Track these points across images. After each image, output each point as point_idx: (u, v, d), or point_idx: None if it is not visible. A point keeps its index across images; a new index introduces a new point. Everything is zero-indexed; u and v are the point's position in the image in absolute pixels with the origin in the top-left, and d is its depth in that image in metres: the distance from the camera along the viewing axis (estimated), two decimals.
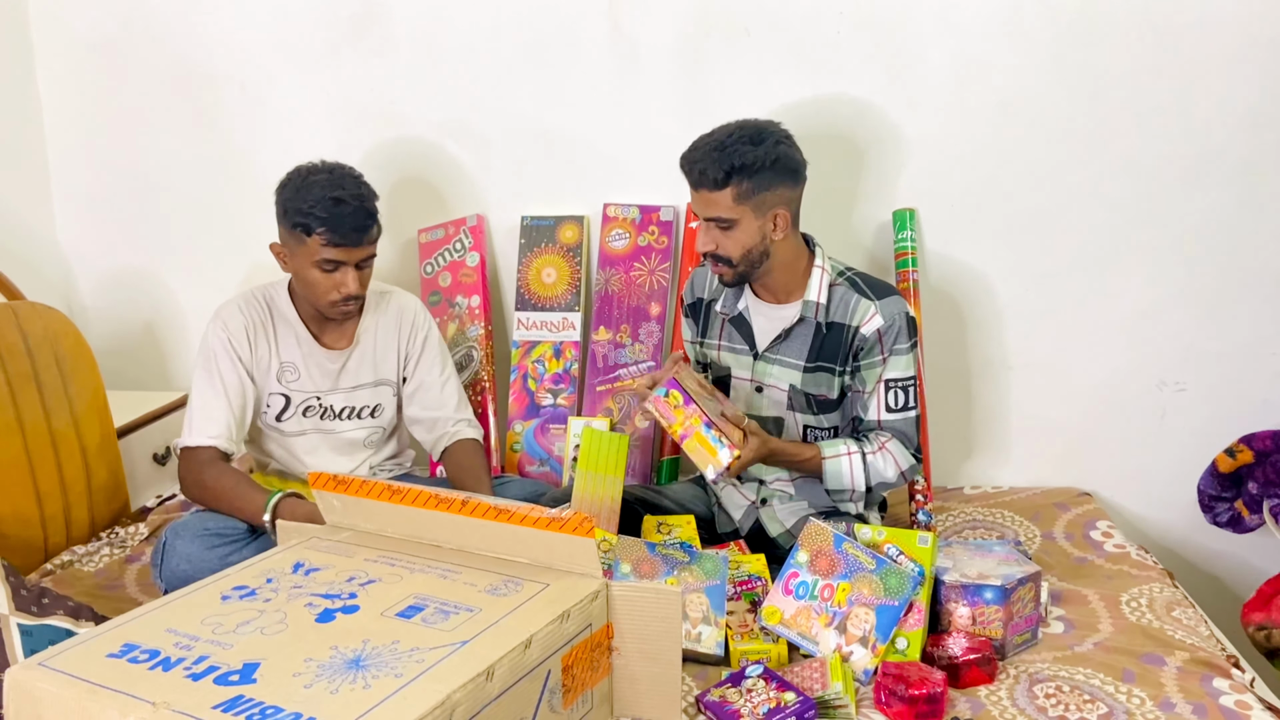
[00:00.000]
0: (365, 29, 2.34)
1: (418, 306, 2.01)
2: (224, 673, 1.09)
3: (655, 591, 1.33)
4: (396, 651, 1.13)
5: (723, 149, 1.69)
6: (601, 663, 1.33)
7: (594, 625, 1.30)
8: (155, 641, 1.16)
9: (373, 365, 1.95)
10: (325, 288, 1.79)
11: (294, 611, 1.24)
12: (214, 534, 1.75)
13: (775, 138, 1.71)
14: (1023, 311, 2.26)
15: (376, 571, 1.34)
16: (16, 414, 1.92)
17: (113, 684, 1.07)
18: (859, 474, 1.80)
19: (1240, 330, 2.20)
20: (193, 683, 1.07)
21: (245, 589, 1.30)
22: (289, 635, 1.18)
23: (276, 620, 1.21)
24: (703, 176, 1.70)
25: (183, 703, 1.03)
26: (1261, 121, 2.09)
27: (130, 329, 2.62)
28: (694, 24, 2.22)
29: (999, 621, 1.55)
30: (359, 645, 1.15)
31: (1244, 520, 2.16)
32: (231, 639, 1.16)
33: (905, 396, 1.81)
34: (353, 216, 1.74)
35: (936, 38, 2.15)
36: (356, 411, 1.95)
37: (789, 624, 1.57)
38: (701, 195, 1.73)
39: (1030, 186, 2.19)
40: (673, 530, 1.83)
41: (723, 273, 1.80)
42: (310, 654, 1.13)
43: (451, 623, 1.20)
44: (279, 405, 1.90)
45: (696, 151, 1.72)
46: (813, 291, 1.81)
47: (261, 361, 1.88)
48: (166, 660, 1.12)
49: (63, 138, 2.53)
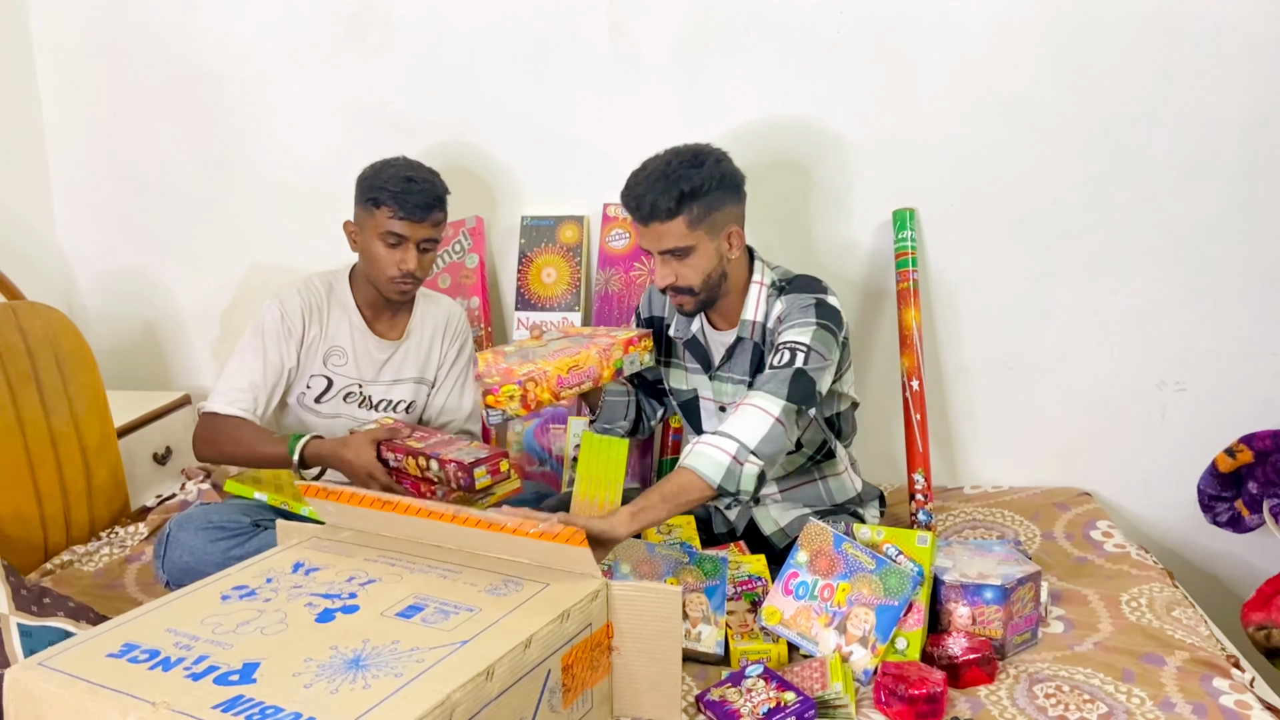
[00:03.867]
0: (365, 29, 2.34)
1: (461, 314, 2.10)
2: (224, 672, 1.09)
3: (655, 591, 1.33)
4: (396, 651, 1.13)
5: (667, 177, 1.65)
6: (601, 662, 1.33)
7: (594, 625, 1.30)
8: (155, 641, 1.16)
9: (417, 362, 2.01)
10: (387, 262, 1.86)
11: (294, 611, 1.24)
12: (217, 527, 1.76)
13: (714, 156, 1.70)
14: (1023, 311, 2.26)
15: (376, 571, 1.34)
16: (16, 414, 1.92)
17: (112, 684, 1.07)
18: (722, 443, 1.57)
19: (1240, 330, 2.20)
20: (193, 683, 1.07)
21: (245, 589, 1.30)
22: (289, 635, 1.18)
23: (276, 620, 1.21)
24: (654, 209, 1.66)
25: (182, 702, 1.03)
26: (1261, 121, 2.09)
27: (130, 329, 2.62)
28: (694, 24, 2.22)
29: (999, 621, 1.55)
30: (359, 645, 1.15)
31: (1244, 520, 2.16)
32: (231, 639, 1.16)
33: (790, 355, 1.66)
34: (421, 194, 1.83)
35: (936, 38, 2.15)
36: (392, 405, 1.99)
37: (789, 624, 1.57)
38: (653, 229, 1.68)
39: (1030, 186, 2.19)
40: (672, 530, 1.83)
41: (684, 303, 1.77)
42: (310, 654, 1.13)
43: (451, 622, 1.20)
44: (320, 387, 1.94)
45: (639, 186, 1.67)
46: (749, 310, 1.78)
47: (311, 343, 1.92)
48: (166, 660, 1.12)
49: (63, 138, 2.53)
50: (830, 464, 1.89)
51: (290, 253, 2.49)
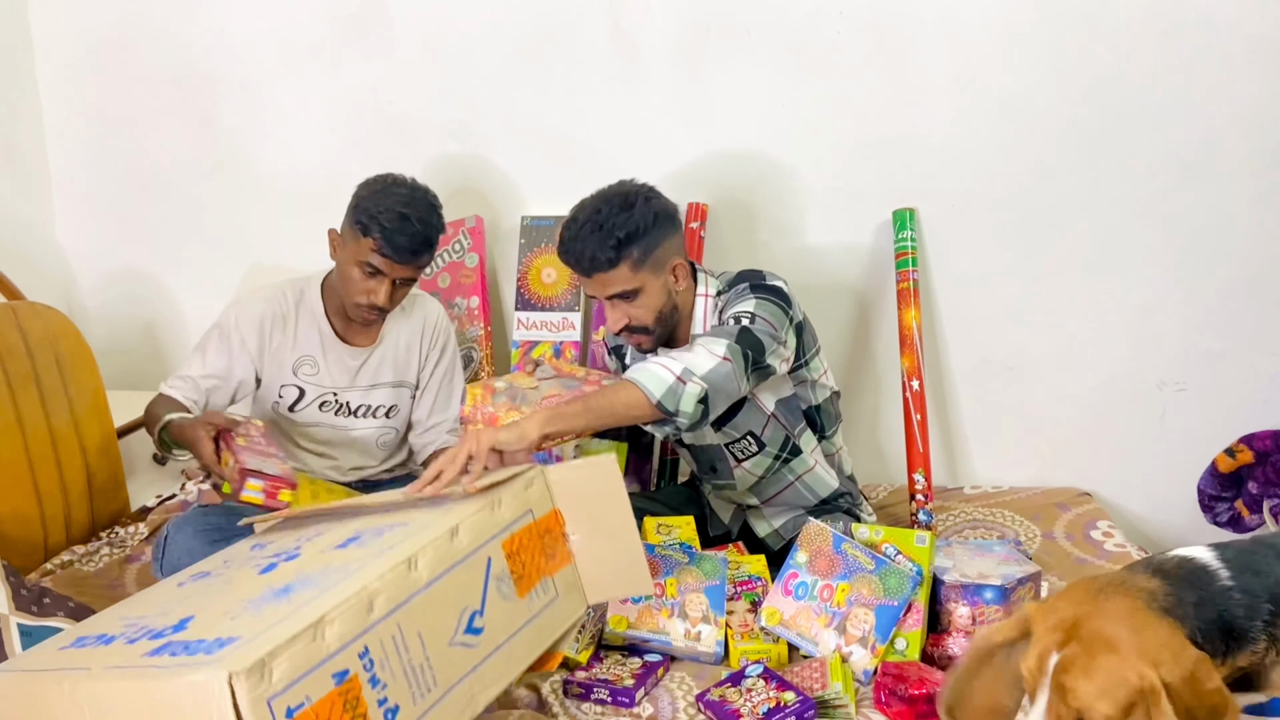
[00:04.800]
0: (365, 29, 2.34)
1: (440, 312, 2.03)
2: (159, 629, 1.08)
3: (591, 466, 1.31)
4: (326, 572, 1.12)
5: (600, 228, 1.64)
6: (558, 550, 1.31)
7: (535, 511, 1.29)
8: (106, 628, 1.16)
9: (394, 366, 1.97)
10: (358, 289, 1.81)
11: (240, 574, 1.23)
12: (214, 529, 1.76)
13: (643, 195, 1.69)
14: (1023, 311, 2.26)
15: (323, 529, 1.34)
16: (16, 414, 1.92)
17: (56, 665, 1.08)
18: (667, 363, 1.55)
19: (1240, 330, 2.20)
20: (128, 645, 1.07)
21: (203, 574, 1.30)
22: (229, 589, 1.17)
23: (222, 583, 1.21)
24: (594, 261, 1.65)
25: (115, 660, 1.03)
26: (1262, 121, 2.09)
27: (130, 329, 2.62)
28: (694, 24, 2.22)
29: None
30: (292, 578, 1.13)
31: (1244, 520, 2.16)
32: (174, 608, 1.16)
33: (735, 321, 1.64)
34: (410, 238, 1.75)
35: (936, 38, 2.15)
36: (372, 410, 1.97)
37: (789, 624, 1.57)
38: (597, 280, 1.68)
39: (1030, 186, 2.19)
40: (672, 531, 1.83)
41: (641, 342, 1.75)
42: (245, 597, 1.12)
43: (385, 540, 1.19)
44: (292, 397, 1.92)
45: (575, 242, 1.66)
46: (698, 324, 1.77)
47: (277, 352, 1.90)
48: (110, 638, 1.12)
49: (63, 138, 2.53)
50: (799, 461, 1.85)
51: (290, 253, 2.48)
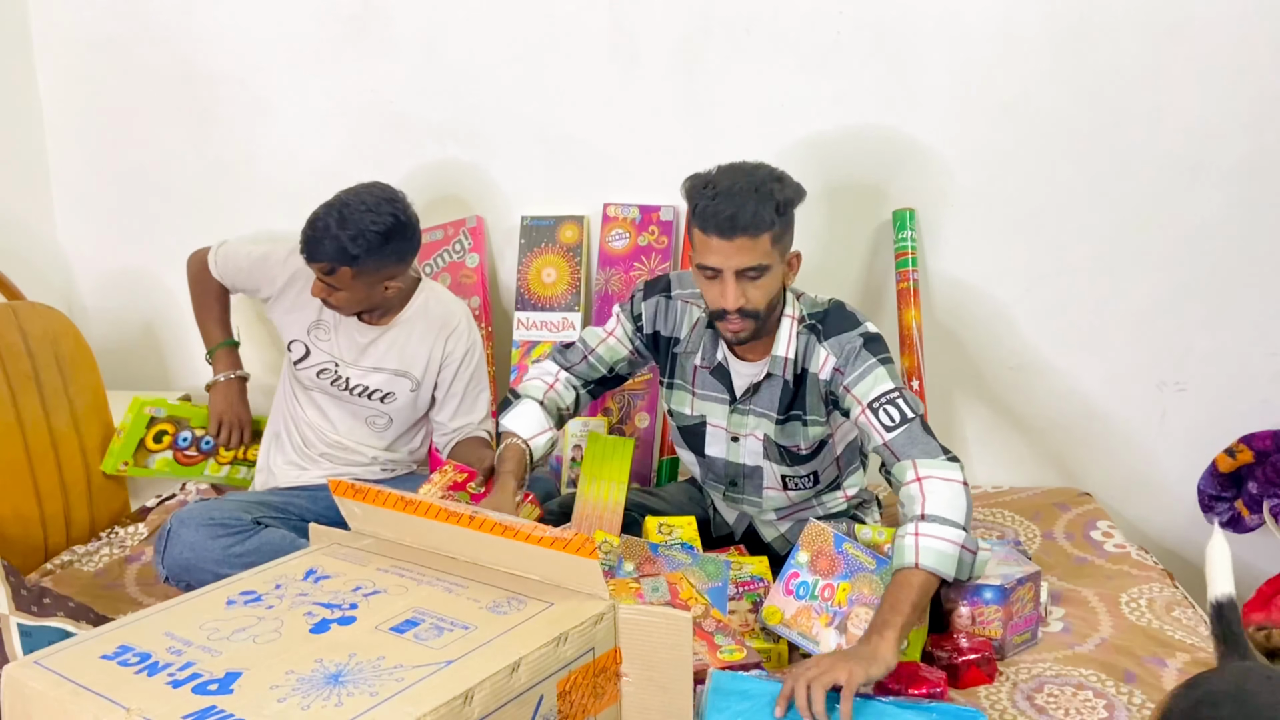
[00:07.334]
0: (365, 29, 2.34)
1: (464, 317, 2.00)
2: (204, 681, 1.07)
3: (664, 616, 1.25)
4: (379, 668, 1.10)
5: (759, 190, 1.51)
6: (607, 690, 1.26)
7: (597, 650, 1.23)
8: (150, 644, 1.15)
9: (400, 354, 1.95)
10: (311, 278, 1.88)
11: (291, 620, 1.22)
12: (218, 524, 1.76)
13: (784, 175, 1.60)
14: (1023, 311, 2.26)
15: (384, 582, 1.31)
16: (16, 414, 1.92)
17: (96, 686, 1.06)
18: (944, 533, 1.46)
19: (1240, 330, 2.20)
20: (172, 690, 1.06)
21: (252, 594, 1.29)
22: (279, 645, 1.16)
23: (271, 629, 1.20)
24: (757, 220, 1.51)
25: (156, 710, 1.02)
26: (1261, 121, 2.09)
27: (130, 329, 2.62)
28: (694, 24, 2.22)
29: (998, 621, 1.55)
30: (344, 659, 1.12)
31: (1244, 520, 2.16)
32: (223, 646, 1.15)
33: (896, 409, 1.57)
34: (309, 243, 1.78)
35: (936, 38, 2.15)
36: (368, 392, 1.96)
37: (790, 624, 1.57)
38: (737, 244, 1.52)
39: (1030, 187, 2.19)
40: (674, 531, 1.83)
41: (743, 329, 1.61)
42: (294, 666, 1.10)
43: (443, 640, 1.16)
44: (299, 353, 1.97)
45: (734, 198, 1.51)
46: (780, 345, 1.67)
47: (303, 306, 1.95)
48: (154, 665, 1.11)
49: (63, 138, 2.53)
50: (831, 495, 1.85)
51: None
